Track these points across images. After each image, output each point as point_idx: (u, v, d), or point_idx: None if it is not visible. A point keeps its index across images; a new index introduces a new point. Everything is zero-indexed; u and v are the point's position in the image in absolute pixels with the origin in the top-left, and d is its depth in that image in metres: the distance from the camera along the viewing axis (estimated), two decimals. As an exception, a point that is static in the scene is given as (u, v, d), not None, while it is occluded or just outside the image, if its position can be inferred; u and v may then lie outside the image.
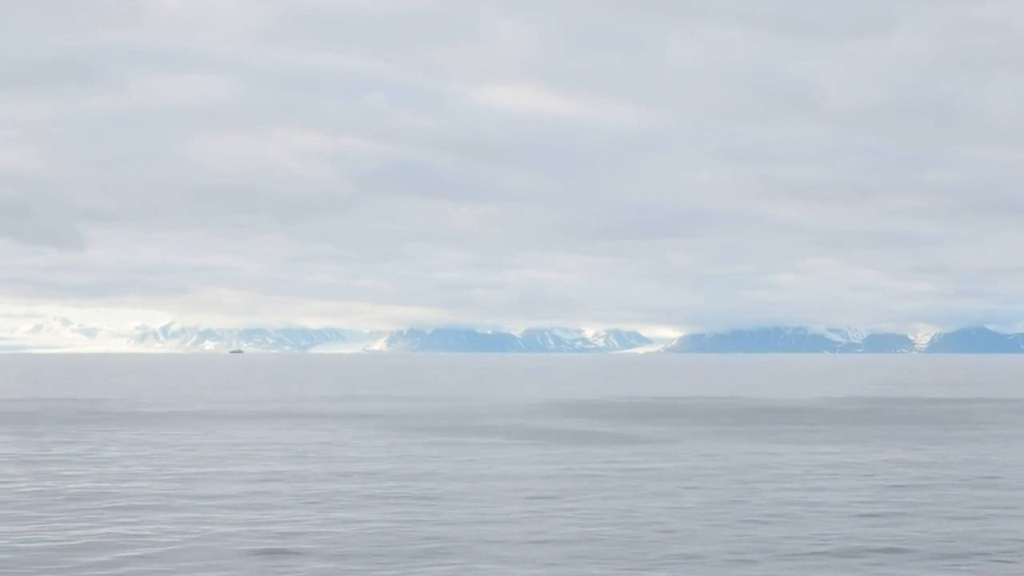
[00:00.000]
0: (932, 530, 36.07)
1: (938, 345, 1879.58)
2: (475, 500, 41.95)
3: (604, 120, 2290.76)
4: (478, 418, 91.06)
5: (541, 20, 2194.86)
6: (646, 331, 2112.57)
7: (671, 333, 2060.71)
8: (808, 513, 39.20)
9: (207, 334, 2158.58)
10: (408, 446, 64.32)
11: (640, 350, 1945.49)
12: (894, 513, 39.47)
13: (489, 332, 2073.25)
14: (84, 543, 32.83)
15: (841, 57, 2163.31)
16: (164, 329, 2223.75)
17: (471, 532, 34.87)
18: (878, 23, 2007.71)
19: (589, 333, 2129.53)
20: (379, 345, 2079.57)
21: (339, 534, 34.53)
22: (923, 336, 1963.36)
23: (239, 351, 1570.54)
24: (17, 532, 34.65)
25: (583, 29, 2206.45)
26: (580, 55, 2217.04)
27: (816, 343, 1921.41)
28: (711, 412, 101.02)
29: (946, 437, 72.46)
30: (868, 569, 30.41)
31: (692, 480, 48.50)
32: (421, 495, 43.30)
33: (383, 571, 29.57)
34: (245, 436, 70.89)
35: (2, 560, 30.51)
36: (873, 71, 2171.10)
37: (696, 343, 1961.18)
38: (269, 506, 40.27)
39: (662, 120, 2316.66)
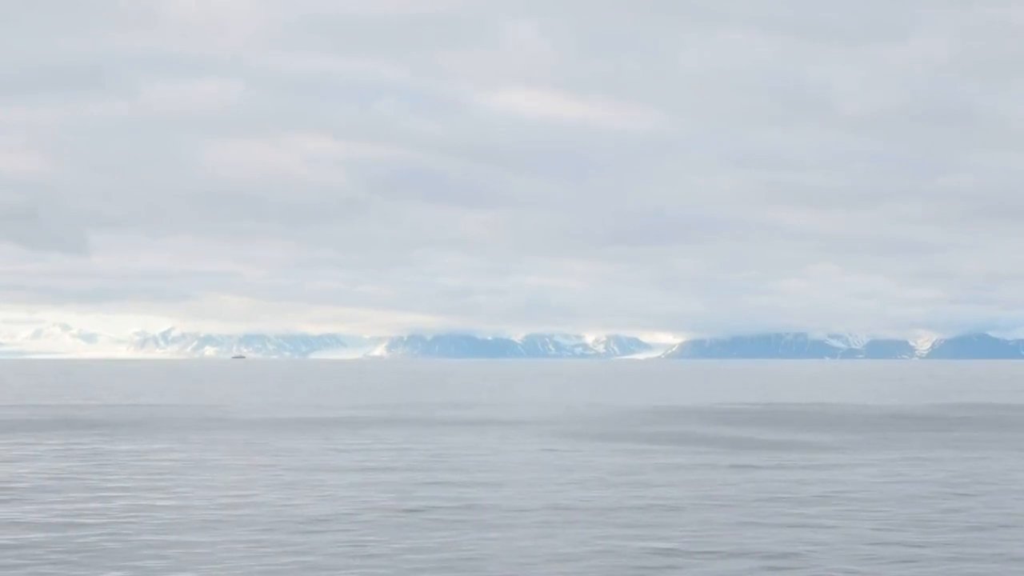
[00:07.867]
0: None
1: (939, 351, 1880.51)
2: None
3: (617, 125, 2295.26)
4: (630, 424, 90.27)
5: (554, 25, 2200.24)
6: (646, 337, 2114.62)
7: (672, 339, 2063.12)
8: None
9: (207, 340, 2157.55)
10: (649, 454, 62.98)
11: (640, 356, 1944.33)
12: None
13: (489, 338, 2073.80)
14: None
15: (857, 61, 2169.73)
16: (164, 335, 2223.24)
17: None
18: (894, 28, 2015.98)
19: (590, 339, 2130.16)
20: (379, 351, 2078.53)
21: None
22: (924, 342, 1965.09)
23: (241, 356, 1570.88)
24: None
25: (597, 34, 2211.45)
26: (594, 60, 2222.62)
27: (816, 349, 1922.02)
28: (841, 418, 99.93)
29: None
30: None
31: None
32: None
33: None
34: (446, 442, 69.66)
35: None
36: (888, 76, 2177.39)
37: (697, 349, 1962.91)
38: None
39: (675, 125, 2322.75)
